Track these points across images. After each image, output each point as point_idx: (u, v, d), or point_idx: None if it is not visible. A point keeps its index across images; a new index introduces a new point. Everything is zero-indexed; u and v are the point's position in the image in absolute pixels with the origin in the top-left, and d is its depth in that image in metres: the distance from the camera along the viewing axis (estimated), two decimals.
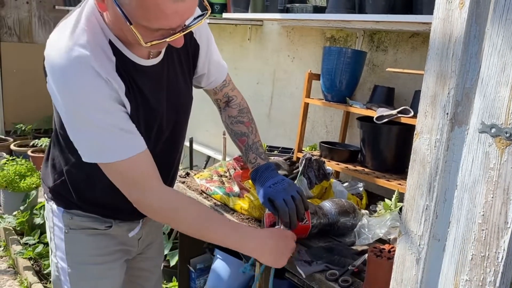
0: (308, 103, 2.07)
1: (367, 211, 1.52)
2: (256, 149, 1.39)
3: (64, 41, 0.99)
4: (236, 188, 1.68)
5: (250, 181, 1.61)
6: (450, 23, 0.78)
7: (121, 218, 1.27)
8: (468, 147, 0.74)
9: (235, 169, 1.80)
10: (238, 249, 1.22)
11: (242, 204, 1.54)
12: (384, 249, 1.11)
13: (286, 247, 1.20)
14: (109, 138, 1.03)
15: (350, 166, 1.89)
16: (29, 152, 4.11)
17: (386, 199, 1.56)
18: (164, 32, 0.97)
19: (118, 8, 0.92)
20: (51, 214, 1.26)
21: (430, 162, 0.83)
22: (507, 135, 0.67)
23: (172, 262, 2.61)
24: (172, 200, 1.13)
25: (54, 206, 1.25)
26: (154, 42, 0.97)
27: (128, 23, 0.92)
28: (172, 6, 0.91)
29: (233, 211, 1.57)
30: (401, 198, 1.55)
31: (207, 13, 1.00)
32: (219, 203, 1.65)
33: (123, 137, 1.04)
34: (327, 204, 1.35)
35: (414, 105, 1.74)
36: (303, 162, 1.53)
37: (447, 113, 0.79)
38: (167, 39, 0.98)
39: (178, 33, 0.97)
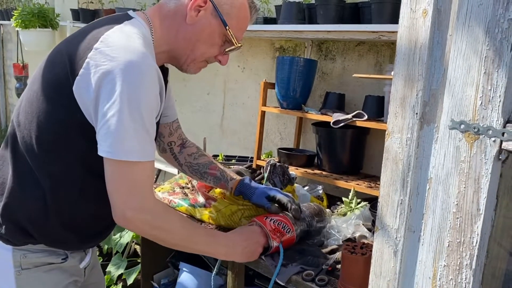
0: (264, 111, 2.11)
1: (330, 211, 1.58)
2: (226, 169, 1.50)
3: (136, 43, 1.04)
4: (200, 199, 1.67)
5: (216, 189, 1.62)
6: (415, 31, 0.85)
7: (81, 246, 1.21)
8: (440, 143, 0.81)
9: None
10: (213, 254, 1.24)
11: (210, 214, 1.54)
12: (356, 245, 1.17)
13: (257, 243, 1.26)
14: (143, 137, 1.02)
15: (309, 170, 1.95)
16: None
17: (344, 198, 1.63)
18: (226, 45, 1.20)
19: (219, 16, 1.14)
20: None
21: (402, 159, 0.89)
22: (475, 130, 0.74)
23: (130, 281, 2.53)
24: (162, 212, 1.10)
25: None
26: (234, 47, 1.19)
27: (226, 27, 1.15)
28: (248, 23, 1.21)
29: (200, 222, 1.57)
30: (357, 196, 1.65)
31: (241, 46, 1.21)
32: (184, 215, 1.63)
33: (149, 140, 1.04)
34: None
35: (365, 109, 1.85)
36: (268, 168, 1.56)
37: (416, 113, 0.86)
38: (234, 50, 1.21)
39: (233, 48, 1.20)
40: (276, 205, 1.38)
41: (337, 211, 1.53)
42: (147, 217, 1.06)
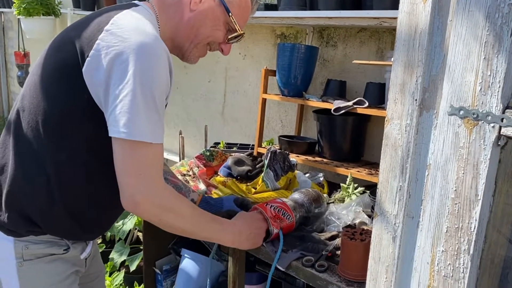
0: (265, 99, 2.11)
1: (327, 196, 1.58)
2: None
3: (146, 26, 1.06)
4: (202, 186, 1.68)
5: (217, 177, 1.62)
6: (415, 16, 0.84)
7: (85, 237, 1.22)
8: (439, 129, 0.80)
9: (198, 167, 1.81)
10: (219, 241, 1.23)
11: None
12: (356, 232, 1.17)
13: (260, 229, 1.27)
14: (154, 118, 1.02)
15: (310, 158, 1.95)
16: None
17: (342, 184, 1.64)
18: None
19: (222, 3, 1.16)
20: None
21: (402, 145, 0.89)
22: (474, 116, 0.74)
23: (132, 267, 2.56)
24: (171, 196, 1.10)
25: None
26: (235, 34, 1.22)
27: (229, 14, 1.17)
28: (249, 14, 1.25)
29: None
30: (355, 182, 1.65)
31: (243, 34, 1.23)
32: None
33: (160, 122, 1.04)
34: (297, 195, 1.40)
35: (366, 96, 1.84)
36: (269, 155, 1.56)
37: (416, 99, 0.86)
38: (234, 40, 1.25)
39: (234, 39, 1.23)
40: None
41: (335, 196, 1.53)
42: (157, 201, 1.05)
